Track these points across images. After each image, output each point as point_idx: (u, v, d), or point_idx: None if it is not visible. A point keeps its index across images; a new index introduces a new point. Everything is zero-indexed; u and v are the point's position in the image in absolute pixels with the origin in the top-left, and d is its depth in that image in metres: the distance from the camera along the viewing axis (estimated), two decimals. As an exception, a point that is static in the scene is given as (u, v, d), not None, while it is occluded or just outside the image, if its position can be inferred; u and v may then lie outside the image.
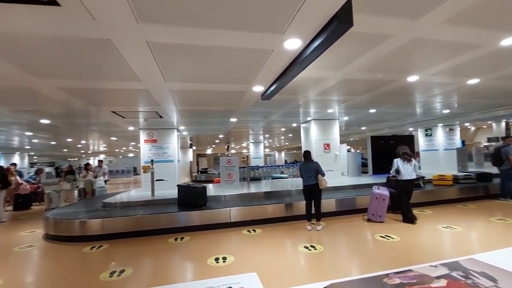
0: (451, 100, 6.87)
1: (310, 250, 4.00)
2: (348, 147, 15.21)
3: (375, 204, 5.40)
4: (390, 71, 4.26)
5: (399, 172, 5.25)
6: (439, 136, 10.81)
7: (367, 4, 2.31)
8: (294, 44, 2.91)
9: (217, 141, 17.98)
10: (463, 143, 11.67)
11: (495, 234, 4.49)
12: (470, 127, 18.13)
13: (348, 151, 11.87)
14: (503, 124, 13.77)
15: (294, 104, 6.45)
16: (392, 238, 4.36)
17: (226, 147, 21.31)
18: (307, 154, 5.30)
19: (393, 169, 5.36)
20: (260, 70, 3.77)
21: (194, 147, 21.75)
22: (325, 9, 2.24)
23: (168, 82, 4.14)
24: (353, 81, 4.60)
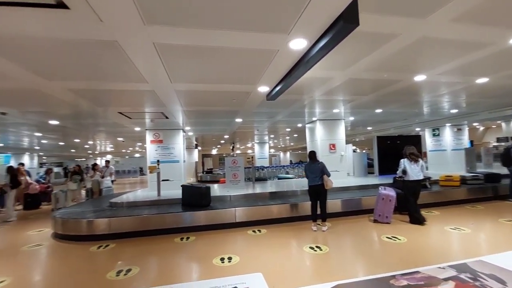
0: (459, 100, 6.77)
1: (316, 250, 3.98)
2: (354, 148, 15.10)
3: (382, 205, 5.35)
4: (397, 71, 4.22)
5: (406, 172, 5.20)
6: (447, 136, 10.65)
7: (373, 4, 2.29)
8: (299, 44, 2.91)
9: (222, 141, 18.04)
10: (471, 143, 11.48)
11: (504, 236, 4.40)
12: (479, 127, 17.81)
13: (354, 151, 11.78)
14: (513, 123, 13.47)
15: (299, 104, 6.43)
16: (399, 239, 4.31)
17: (231, 148, 21.35)
18: (313, 154, 5.28)
19: (399, 169, 5.31)
20: (266, 70, 3.78)
21: (200, 148, 21.87)
22: (330, 8, 2.24)
23: (174, 83, 4.18)
24: (359, 81, 4.57)
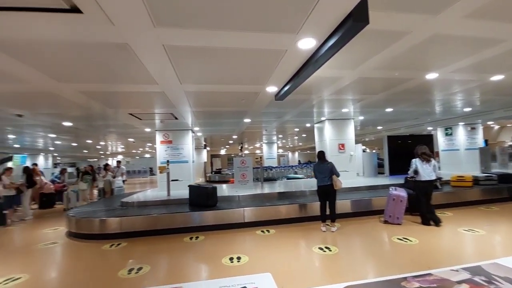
0: (473, 98, 6.59)
1: (325, 251, 3.95)
2: (364, 147, 14.91)
3: (392, 205, 5.26)
4: (408, 69, 4.14)
5: (418, 172, 5.10)
6: (460, 135, 10.39)
7: (383, 1, 2.26)
8: (308, 44, 2.90)
9: (230, 141, 18.12)
10: (486, 142, 11.16)
11: (522, 238, 4.27)
12: (494, 125, 17.30)
13: (364, 151, 11.64)
14: (530, 122, 13.06)
15: (308, 104, 6.40)
16: (410, 241, 4.23)
17: (240, 148, 21.42)
18: (322, 154, 5.24)
19: (411, 169, 5.21)
20: (274, 70, 3.77)
21: (208, 148, 22.02)
22: (340, 7, 2.22)
23: (184, 84, 4.22)
24: (368, 79, 4.51)
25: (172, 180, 7.53)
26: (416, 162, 5.15)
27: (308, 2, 2.14)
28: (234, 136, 14.29)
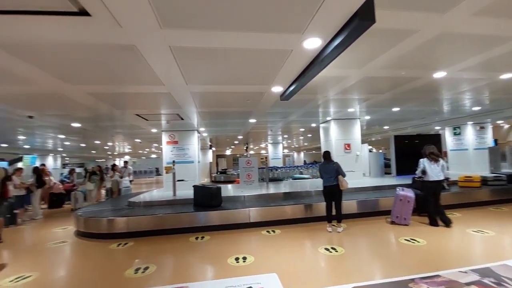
0: (482, 97, 6.48)
1: (331, 252, 3.93)
2: (370, 147, 14.78)
3: (399, 206, 5.20)
4: (415, 68, 4.09)
5: (426, 172, 5.03)
6: (469, 135, 10.22)
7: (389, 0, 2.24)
8: (313, 44, 2.89)
9: (236, 142, 18.15)
10: (495, 142, 10.96)
11: (534, 240, 4.18)
12: (504, 124, 16.97)
13: (370, 151, 11.54)
14: (541, 121, 12.76)
15: (313, 104, 6.38)
16: (418, 242, 4.18)
17: (245, 148, 21.44)
18: (327, 154, 5.22)
19: (419, 169, 5.14)
20: (279, 70, 3.77)
21: (214, 148, 22.09)
22: (345, 6, 2.21)
23: (189, 84, 4.25)
24: (375, 79, 4.47)
25: (178, 180, 7.58)
26: (424, 162, 5.08)
27: (314, 1, 2.14)
28: (240, 137, 14.31)
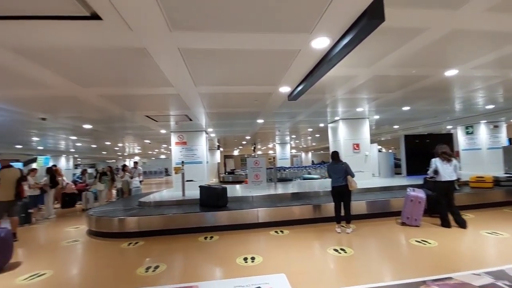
0: (495, 95, 6.30)
1: (340, 253, 3.90)
2: (379, 147, 14.57)
3: (410, 206, 5.12)
4: (426, 66, 4.02)
5: (438, 172, 4.93)
6: (482, 134, 9.95)
7: (399, -2, 2.21)
8: (321, 43, 2.88)
9: (244, 142, 18.19)
10: (510, 141, 10.62)
11: (552, 242, 4.04)
12: (519, 123, 16.46)
13: (379, 151, 11.38)
14: (559, 119, 12.28)
15: (321, 103, 6.34)
16: (429, 243, 4.10)
17: (253, 148, 21.46)
18: (335, 154, 5.18)
19: (431, 169, 5.04)
20: (287, 71, 3.77)
21: (222, 149, 22.20)
22: (354, 5, 2.19)
23: (198, 86, 4.30)
24: (384, 77, 4.41)
25: (187, 181, 7.65)
26: (436, 162, 4.98)
27: (323, 1, 2.13)
28: (247, 137, 14.34)
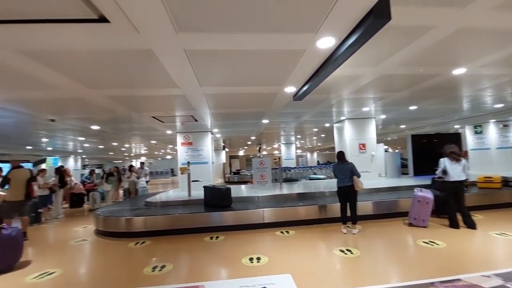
0: (504, 93, 6.19)
1: (346, 253, 3.88)
2: (386, 147, 14.43)
3: (417, 207, 5.06)
4: (433, 65, 3.97)
5: (447, 172, 4.86)
6: (491, 133, 9.77)
7: (405, -4, 2.20)
8: (327, 43, 2.87)
9: (249, 142, 18.21)
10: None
11: None
12: (530, 122, 16.11)
13: (386, 151, 11.27)
14: None
15: (326, 103, 6.31)
16: (437, 244, 4.05)
17: (258, 149, 21.47)
18: (341, 154, 5.15)
19: (439, 169, 4.97)
20: (292, 71, 3.77)
21: (227, 149, 22.26)
22: (360, 4, 2.17)
23: (203, 86, 4.32)
24: (391, 77, 4.37)
25: (193, 181, 7.70)
26: (445, 162, 4.91)
27: (328, 0, 2.12)
28: (253, 137, 14.35)
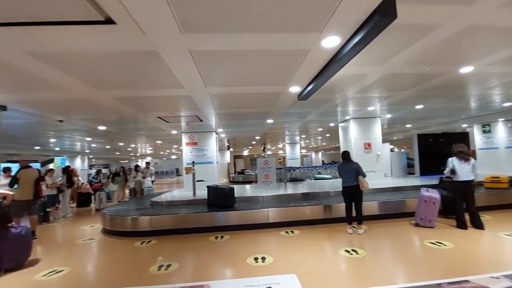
0: (514, 92, 6.09)
1: (352, 254, 3.86)
2: (392, 147, 14.30)
3: (424, 207, 5.00)
4: (440, 63, 3.92)
5: (455, 172, 4.79)
6: (500, 132, 9.62)
7: (411, -6, 2.17)
8: (332, 42, 2.85)
9: (253, 142, 18.21)
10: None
11: None
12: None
13: (392, 150, 11.16)
14: None
15: (331, 103, 6.28)
16: (444, 245, 4.00)
17: (263, 149, 21.46)
18: (346, 154, 5.12)
19: (447, 169, 4.89)
20: (297, 70, 3.76)
21: (231, 149, 22.30)
22: (366, 2, 2.16)
23: (208, 87, 4.34)
24: (397, 76, 4.33)
25: (198, 181, 7.74)
26: (453, 161, 4.84)
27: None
28: (257, 137, 14.36)
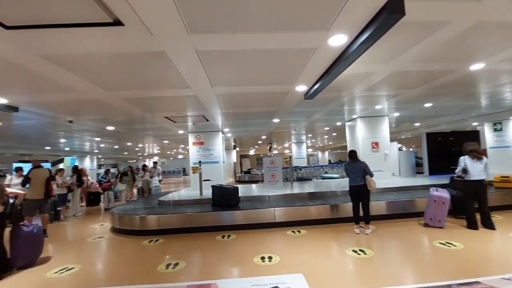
0: (527, 89, 5.93)
1: (359, 254, 3.83)
2: (400, 145, 14.12)
3: (433, 207, 4.92)
4: (449, 61, 3.85)
5: (467, 171, 4.69)
6: (512, 131, 9.40)
7: (419, -9, 2.14)
8: (339, 41, 2.84)
9: (259, 142, 18.22)
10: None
11: None
12: (555, 119, 15.35)
13: (400, 149, 11.02)
14: None
15: (338, 102, 6.23)
16: (454, 246, 3.94)
17: (269, 148, 21.44)
18: (353, 153, 5.08)
19: (459, 168, 4.79)
20: (303, 69, 3.74)
21: (238, 149, 22.35)
22: (373, 0, 2.14)
23: (215, 87, 4.36)
24: (405, 73, 4.27)
25: (204, 180, 7.78)
26: (465, 160, 4.73)
27: (339, -3, 2.10)
28: (263, 137, 14.35)
